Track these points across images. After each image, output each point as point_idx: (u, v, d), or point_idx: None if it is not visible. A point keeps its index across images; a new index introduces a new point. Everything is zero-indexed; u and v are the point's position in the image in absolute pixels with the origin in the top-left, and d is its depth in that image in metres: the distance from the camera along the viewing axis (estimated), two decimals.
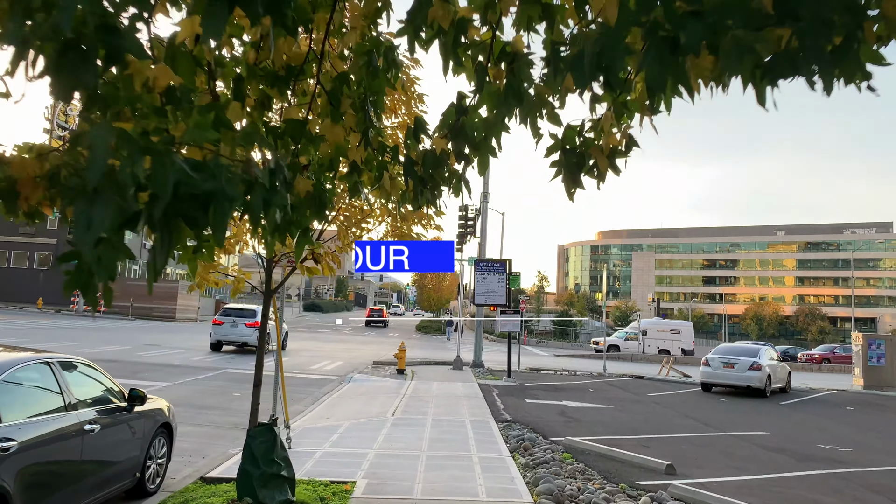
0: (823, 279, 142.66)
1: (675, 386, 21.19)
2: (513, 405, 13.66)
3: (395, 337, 48.23)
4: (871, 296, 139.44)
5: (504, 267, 19.21)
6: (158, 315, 50.08)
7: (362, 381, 17.28)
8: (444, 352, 35.16)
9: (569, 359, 39.32)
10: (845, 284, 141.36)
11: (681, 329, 47.08)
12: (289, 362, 22.29)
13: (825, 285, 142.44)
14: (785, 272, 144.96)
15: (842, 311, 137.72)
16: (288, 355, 25.43)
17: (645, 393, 18.25)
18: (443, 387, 16.50)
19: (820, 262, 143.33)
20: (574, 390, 17.59)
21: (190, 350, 24.18)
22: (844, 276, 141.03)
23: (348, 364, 22.97)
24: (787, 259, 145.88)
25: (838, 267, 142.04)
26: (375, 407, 12.70)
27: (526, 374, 22.25)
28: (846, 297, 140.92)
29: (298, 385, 16.48)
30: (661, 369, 27.20)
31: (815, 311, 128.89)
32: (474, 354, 24.05)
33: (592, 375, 23.18)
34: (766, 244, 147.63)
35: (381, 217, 5.81)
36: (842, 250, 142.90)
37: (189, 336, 32.80)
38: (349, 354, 27.68)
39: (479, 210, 25.29)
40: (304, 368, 20.64)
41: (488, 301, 19.15)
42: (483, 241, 24.13)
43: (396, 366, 19.25)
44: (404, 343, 19.40)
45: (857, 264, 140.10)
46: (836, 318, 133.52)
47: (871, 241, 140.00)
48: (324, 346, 31.71)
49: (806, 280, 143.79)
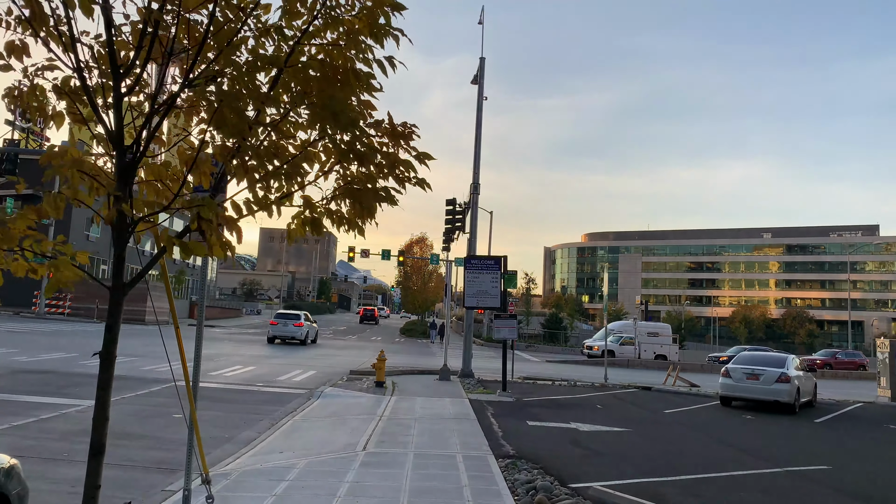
0: (810, 282, 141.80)
1: (690, 399, 18.87)
2: (513, 430, 11.23)
3: (377, 342, 45.67)
4: (858, 299, 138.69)
5: (498, 265, 16.80)
6: (127, 318, 46.87)
7: (334, 396, 14.78)
8: (429, 358, 32.70)
9: (562, 365, 37.00)
10: (832, 287, 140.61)
11: (658, 332, 44.97)
12: (253, 373, 19.76)
13: (812, 288, 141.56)
14: (771, 275, 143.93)
15: (828, 314, 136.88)
16: (258, 363, 22.90)
17: (660, 409, 15.91)
18: (428, 404, 14.05)
19: (806, 265, 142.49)
20: (580, 407, 15.20)
21: (145, 357, 21.55)
22: (831, 278, 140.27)
23: (322, 374, 20.45)
24: (773, 261, 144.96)
25: (825, 270, 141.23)
26: (344, 435, 10.22)
27: (521, 385, 19.84)
28: (833, 300, 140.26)
29: (257, 402, 13.97)
30: (667, 378, 24.92)
31: (802, 314, 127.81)
32: (463, 362, 21.62)
33: (594, 386, 20.82)
34: (752, 247, 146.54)
35: (327, 162, 3.40)
36: (828, 253, 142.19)
37: (152, 340, 30.07)
38: (325, 362, 25.15)
39: (468, 203, 22.88)
40: (269, 380, 18.11)
41: (480, 303, 16.71)
42: (473, 237, 21.71)
43: (375, 377, 16.77)
44: (384, 352, 16.89)
45: (844, 267, 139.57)
46: (823, 321, 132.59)
47: (860, 244, 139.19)
48: (297, 353, 29.13)
49: (793, 283, 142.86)
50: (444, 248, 28.83)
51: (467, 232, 22.89)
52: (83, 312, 45.97)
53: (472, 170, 22.50)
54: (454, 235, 25.60)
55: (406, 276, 63.76)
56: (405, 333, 59.44)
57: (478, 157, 22.40)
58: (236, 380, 17.61)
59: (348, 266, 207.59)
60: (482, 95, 22.68)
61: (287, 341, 34.59)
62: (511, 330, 16.41)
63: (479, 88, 22.62)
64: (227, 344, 31.83)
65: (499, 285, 16.63)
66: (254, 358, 24.81)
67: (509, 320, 16.46)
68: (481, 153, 22.45)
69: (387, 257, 52.86)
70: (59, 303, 45.61)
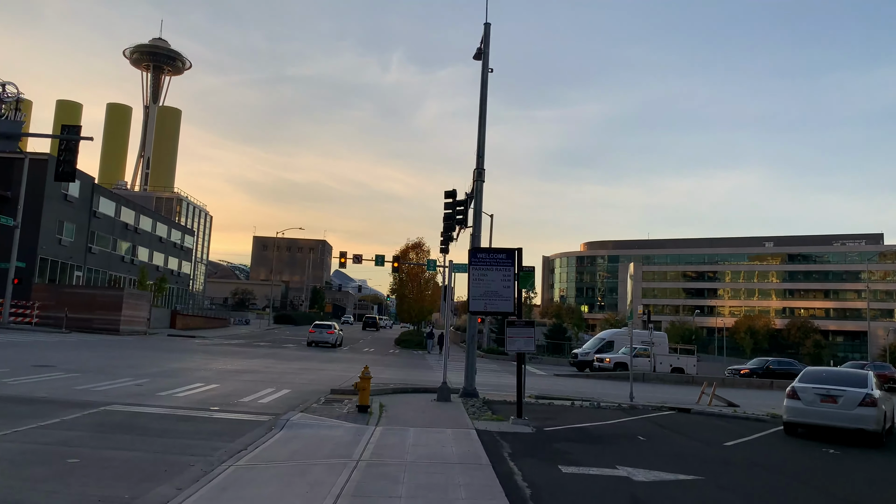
0: (814, 291, 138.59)
1: (743, 426, 15.50)
2: (544, 483, 7.90)
3: (371, 353, 42.23)
4: (863, 308, 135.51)
5: (511, 260, 13.49)
6: (99, 327, 43.58)
7: (302, 427, 11.41)
8: (425, 372, 29.31)
9: (573, 380, 33.65)
10: (836, 297, 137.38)
11: (654, 341, 41.76)
12: (215, 392, 16.39)
13: (815, 298, 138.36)
14: (774, 284, 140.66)
15: (833, 324, 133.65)
16: (225, 379, 19.52)
17: (717, 441, 12.58)
18: (424, 438, 10.71)
19: (810, 275, 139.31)
20: (619, 440, 11.86)
21: (88, 373, 18.15)
22: (835, 288, 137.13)
23: (296, 393, 17.08)
24: (775, 271, 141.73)
25: (828, 279, 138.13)
26: (298, 497, 6.88)
27: (535, 407, 16.49)
28: (837, 309, 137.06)
29: (200, 436, 10.61)
30: (701, 396, 21.60)
31: (806, 324, 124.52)
32: (465, 379, 18.28)
33: (623, 409, 17.47)
34: (754, 256, 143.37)
35: None
36: (831, 262, 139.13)
37: (118, 353, 26.62)
38: (304, 378, 21.77)
39: (472, 192, 19.61)
40: (229, 402, 14.73)
41: (489, 307, 13.38)
42: (477, 230, 18.45)
43: (357, 399, 13.42)
44: (368, 368, 13.46)
45: (848, 276, 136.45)
46: (828, 331, 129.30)
47: (868, 253, 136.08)
48: (276, 367, 25.72)
49: (796, 292, 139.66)
50: (442, 248, 25.47)
51: (469, 226, 19.61)
52: (52, 322, 42.42)
53: (476, 153, 19.25)
54: (454, 233, 22.28)
55: (401, 283, 60.30)
56: (400, 344, 55.97)
57: (482, 138, 19.15)
58: (188, 402, 14.24)
59: (344, 276, 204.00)
60: (487, 68, 19.47)
61: (319, 345, 44.06)
62: (528, 341, 13.04)
63: (483, 60, 19.40)
64: (199, 357, 28.40)
65: (512, 285, 13.30)
66: (222, 373, 21.43)
67: (525, 328, 13.09)
68: (486, 135, 19.19)
69: (381, 263, 49.53)
70: (27, 311, 42.03)
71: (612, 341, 43.92)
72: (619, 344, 42.98)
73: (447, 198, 21.25)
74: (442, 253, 26.80)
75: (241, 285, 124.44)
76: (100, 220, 53.96)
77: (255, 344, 42.75)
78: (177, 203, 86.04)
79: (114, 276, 56.46)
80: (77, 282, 51.22)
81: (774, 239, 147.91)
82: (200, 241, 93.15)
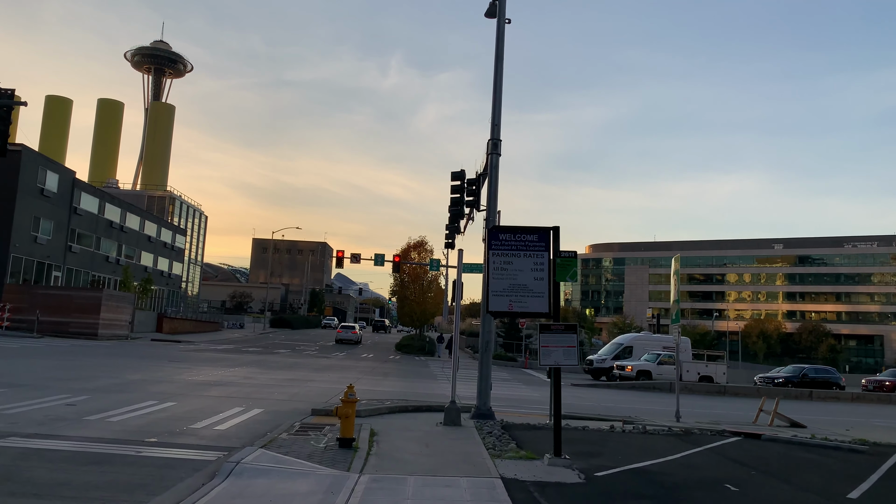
0: (825, 294, 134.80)
1: (840, 459, 12.02)
2: None
3: (369, 360, 38.78)
4: (876, 312, 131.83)
5: (545, 242, 10.10)
6: (76, 331, 40.20)
7: (255, 475, 7.99)
8: (428, 383, 25.88)
9: (592, 390, 30.20)
10: (847, 300, 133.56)
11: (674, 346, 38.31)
12: (165, 414, 13.00)
13: (827, 301, 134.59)
14: (784, 287, 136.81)
15: (845, 327, 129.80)
16: (187, 396, 16.14)
17: (835, 490, 9.14)
18: (428, 498, 7.29)
19: (820, 277, 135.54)
20: (705, 493, 8.43)
21: (26, 387, 14.74)
22: (847, 291, 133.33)
23: (268, 415, 13.68)
24: (785, 273, 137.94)
25: (840, 282, 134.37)
26: None
27: (568, 431, 13.01)
28: (849, 313, 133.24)
29: (96, 494, 7.19)
30: (758, 415, 18.15)
31: (819, 328, 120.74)
32: (478, 396, 14.89)
33: (674, 432, 14.03)
34: (763, 258, 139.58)
35: None
36: (842, 264, 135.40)
37: (76, 362, 23.19)
38: (286, 392, 18.34)
39: (484, 168, 16.22)
40: (174, 429, 11.33)
41: (516, 306, 9.94)
42: (493, 206, 15.07)
43: (339, 429, 9.98)
44: (353, 388, 10.00)
45: (860, 279, 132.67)
46: (840, 335, 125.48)
47: (877, 255, 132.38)
48: (257, 377, 22.31)
49: (806, 295, 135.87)
50: (447, 243, 22.00)
51: (483, 209, 16.22)
52: (25, 326, 39.05)
53: (490, 121, 15.86)
54: (462, 222, 18.89)
55: (402, 285, 56.79)
56: (401, 350, 52.49)
57: (498, 101, 15.76)
58: (120, 431, 10.86)
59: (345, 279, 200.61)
60: (503, 18, 16.10)
61: (345, 342, 55.25)
62: (568, 352, 9.60)
63: (499, 5, 16.02)
64: (172, 365, 24.98)
65: (546, 276, 9.88)
66: (189, 386, 18.02)
67: (565, 335, 9.66)
68: (503, 98, 15.80)
69: (380, 262, 46.09)
70: None
71: (631, 346, 40.53)
72: (638, 349, 39.58)
73: (454, 180, 17.85)
74: (447, 248, 23.29)
75: (239, 288, 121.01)
76: (81, 217, 50.58)
77: (243, 349, 39.35)
78: (169, 202, 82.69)
79: (97, 276, 53.06)
80: (56, 282, 47.83)
81: (783, 241, 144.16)
82: (195, 241, 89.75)
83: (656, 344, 40.06)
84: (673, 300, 17.06)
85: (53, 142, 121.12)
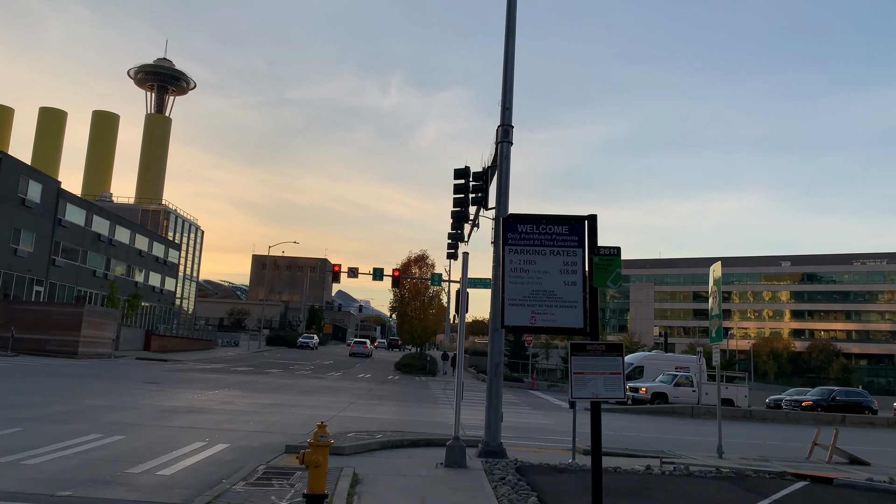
0: (834, 312, 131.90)
1: None
2: None
3: (366, 380, 36.24)
4: (887, 330, 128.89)
5: (578, 236, 7.72)
6: (54, 349, 37.75)
7: None
8: (428, 408, 23.37)
9: (606, 415, 27.57)
10: (857, 318, 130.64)
11: (689, 366, 36.06)
12: (106, 452, 10.55)
13: (836, 319, 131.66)
14: (792, 305, 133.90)
15: (856, 346, 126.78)
16: (142, 426, 13.73)
17: None
18: None
19: (830, 295, 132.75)
20: None
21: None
22: (857, 309, 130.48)
23: (232, 452, 11.24)
24: (793, 291, 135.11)
25: (849, 299, 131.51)
26: None
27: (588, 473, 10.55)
28: (859, 331, 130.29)
29: None
30: (812, 449, 15.64)
31: (829, 346, 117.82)
32: (486, 428, 12.46)
33: (724, 475, 11.55)
34: (770, 275, 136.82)
35: None
36: (851, 282, 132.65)
37: (34, 385, 20.69)
38: (262, 421, 15.87)
39: (493, 160, 13.91)
40: (106, 475, 8.87)
41: (541, 320, 7.49)
42: (504, 197, 12.77)
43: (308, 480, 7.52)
44: (326, 425, 7.51)
45: (870, 297, 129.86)
46: (851, 354, 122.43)
47: (888, 273, 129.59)
48: (236, 402, 19.84)
49: (815, 313, 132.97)
50: (449, 253, 19.66)
51: (491, 207, 13.90)
52: (0, 344, 36.65)
53: (501, 104, 13.58)
54: (467, 225, 16.56)
55: (403, 300, 54.32)
56: (401, 369, 49.84)
57: (510, 81, 13.49)
58: (33, 476, 8.44)
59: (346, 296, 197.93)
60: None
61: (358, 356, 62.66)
62: (611, 380, 7.15)
63: None
64: (144, 388, 22.50)
65: (581, 280, 7.49)
66: (151, 414, 15.56)
67: (607, 358, 7.18)
68: (514, 73, 13.52)
69: (379, 277, 43.64)
70: None
71: (642, 366, 37.98)
72: (650, 370, 37.04)
73: (458, 178, 15.52)
74: (449, 258, 20.95)
75: (237, 305, 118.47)
76: (67, 229, 48.33)
77: (232, 369, 36.86)
78: (164, 216, 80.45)
79: (82, 292, 50.66)
80: (38, 298, 45.46)
81: (791, 258, 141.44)
82: (190, 256, 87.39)
83: (669, 364, 37.61)
84: (713, 315, 14.65)
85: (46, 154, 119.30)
